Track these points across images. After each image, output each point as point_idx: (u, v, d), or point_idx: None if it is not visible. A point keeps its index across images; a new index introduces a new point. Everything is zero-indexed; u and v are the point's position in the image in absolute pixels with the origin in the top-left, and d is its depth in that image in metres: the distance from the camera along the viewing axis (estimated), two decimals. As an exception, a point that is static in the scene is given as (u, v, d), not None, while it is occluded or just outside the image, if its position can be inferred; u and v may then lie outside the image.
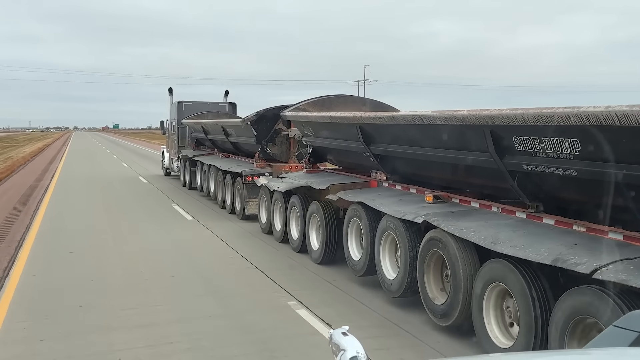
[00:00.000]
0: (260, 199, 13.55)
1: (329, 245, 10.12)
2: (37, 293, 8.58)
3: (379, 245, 8.21)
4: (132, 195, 20.60)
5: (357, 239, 9.18)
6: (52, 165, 35.12)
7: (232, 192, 16.04)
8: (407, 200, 8.25)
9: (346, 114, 9.36)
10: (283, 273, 9.66)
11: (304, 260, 10.62)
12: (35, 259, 10.74)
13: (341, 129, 9.89)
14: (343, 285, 8.96)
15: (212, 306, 7.96)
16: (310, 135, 11.60)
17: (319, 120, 10.47)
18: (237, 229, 13.96)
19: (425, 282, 7.13)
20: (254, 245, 12.06)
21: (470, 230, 6.39)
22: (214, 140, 20.43)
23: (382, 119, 8.08)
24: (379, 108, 11.89)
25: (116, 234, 13.17)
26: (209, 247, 11.92)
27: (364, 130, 9.12)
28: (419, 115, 7.18)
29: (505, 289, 5.87)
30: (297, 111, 11.96)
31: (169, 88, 26.40)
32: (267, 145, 15.40)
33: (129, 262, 10.47)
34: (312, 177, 11.39)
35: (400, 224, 7.66)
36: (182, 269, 9.97)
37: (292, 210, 11.57)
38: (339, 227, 10.12)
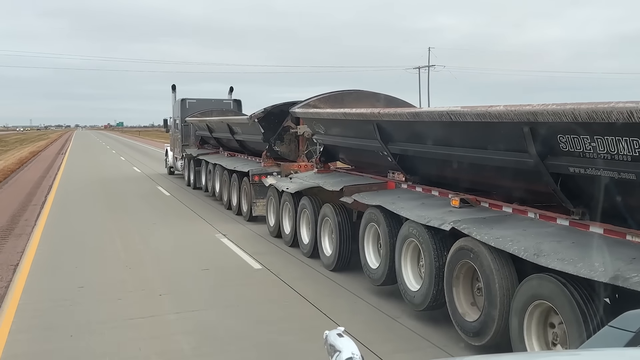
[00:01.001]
0: (268, 200, 12.89)
1: (343, 251, 9.46)
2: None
3: (399, 253, 7.54)
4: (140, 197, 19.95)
5: (374, 246, 8.51)
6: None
7: (238, 192, 15.38)
8: (430, 204, 7.57)
9: (362, 110, 8.69)
10: (295, 277, 9.00)
11: (316, 266, 9.96)
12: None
13: (356, 127, 9.22)
14: (363, 294, 8.29)
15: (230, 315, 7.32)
16: (322, 133, 10.93)
17: (331, 117, 9.80)
18: (244, 231, 13.30)
19: (453, 295, 6.46)
20: (263, 249, 11.40)
21: (507, 239, 5.72)
22: (219, 139, 19.79)
23: (404, 115, 7.41)
24: (393, 104, 11.23)
25: (140, 249, 12.53)
26: (217, 250, 11.27)
27: (382, 128, 8.45)
28: (446, 111, 6.50)
29: (550, 308, 5.20)
30: (308, 107, 11.29)
31: (172, 85, 25.82)
32: (275, 143, 14.75)
33: (140, 273, 9.83)
34: (323, 177, 10.73)
35: (425, 230, 6.98)
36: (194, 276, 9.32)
37: (303, 213, 10.91)
38: (353, 232, 9.46)
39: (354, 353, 1.96)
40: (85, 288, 8.65)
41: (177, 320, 7.29)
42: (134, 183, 23.85)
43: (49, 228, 13.58)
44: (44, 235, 12.65)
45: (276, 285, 8.90)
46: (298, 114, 11.36)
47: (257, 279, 9.32)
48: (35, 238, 12.32)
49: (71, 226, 14.03)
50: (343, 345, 2.01)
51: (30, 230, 13.30)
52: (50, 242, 12.08)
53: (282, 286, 8.79)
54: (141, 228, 13.74)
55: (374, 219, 8.28)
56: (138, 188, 22.06)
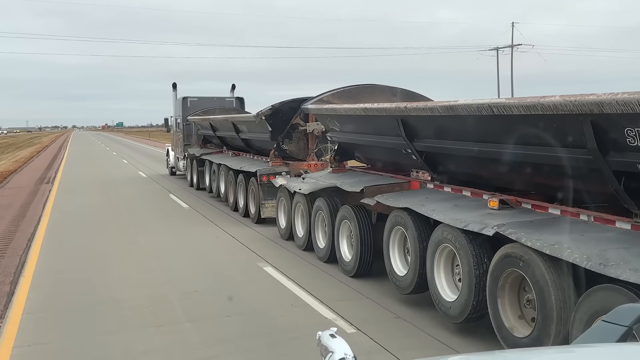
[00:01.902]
0: (279, 202, 12.25)
1: (364, 256, 8.82)
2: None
3: (432, 260, 6.90)
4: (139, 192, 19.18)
5: (400, 251, 7.88)
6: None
7: (245, 193, 14.74)
8: (464, 206, 6.94)
9: (386, 104, 8.05)
10: (314, 285, 8.36)
11: (335, 272, 9.32)
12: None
13: (377, 123, 8.59)
14: (389, 304, 7.65)
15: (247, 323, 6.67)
16: (337, 130, 10.29)
17: (349, 113, 9.16)
18: (253, 234, 12.66)
19: (498, 308, 5.83)
20: (274, 253, 10.76)
21: (563, 246, 5.09)
22: (222, 138, 19.15)
23: (435, 109, 6.77)
24: (411, 98, 10.58)
25: (140, 249, 11.85)
26: (227, 251, 10.63)
27: (408, 123, 7.81)
28: (488, 103, 5.86)
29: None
30: (321, 103, 10.65)
31: (173, 83, 25.17)
32: (283, 141, 14.11)
33: (151, 279, 9.17)
34: (339, 177, 10.09)
35: (462, 235, 6.35)
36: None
37: (318, 215, 10.27)
38: (375, 236, 8.84)
39: (347, 353, 1.95)
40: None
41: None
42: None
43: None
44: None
45: (292, 291, 8.28)
46: (311, 111, 10.71)
47: (270, 284, 8.69)
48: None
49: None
50: (336, 345, 1.99)
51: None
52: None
53: (300, 292, 8.16)
54: (153, 237, 13.09)
55: (401, 222, 7.64)
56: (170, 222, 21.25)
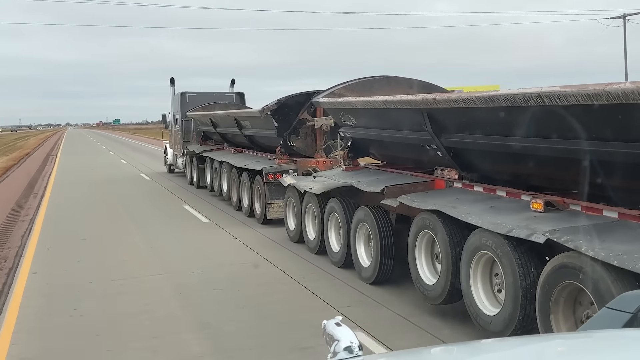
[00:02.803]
0: (287, 202, 11.56)
1: (385, 261, 8.14)
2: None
3: (467, 268, 6.22)
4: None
5: (428, 257, 7.20)
6: None
7: (249, 192, 14.04)
8: (502, 208, 6.26)
9: (411, 96, 7.35)
10: (330, 292, 7.69)
11: (351, 279, 8.64)
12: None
13: (399, 116, 7.90)
14: (415, 317, 6.97)
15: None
16: (351, 125, 9.59)
17: (367, 107, 8.47)
18: (259, 237, 11.95)
19: (552, 324, 5.15)
20: (283, 257, 10.07)
21: (633, 256, 4.42)
22: (224, 134, 18.44)
23: (472, 100, 6.07)
24: (428, 89, 9.91)
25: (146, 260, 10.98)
26: (232, 253, 9.94)
27: (435, 117, 7.13)
28: (538, 92, 5.16)
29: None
30: (333, 96, 9.96)
31: (170, 78, 24.42)
32: (289, 137, 13.41)
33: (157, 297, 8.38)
34: (355, 176, 9.41)
35: (505, 242, 5.67)
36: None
37: (331, 217, 9.58)
38: (395, 239, 8.17)
39: (352, 342, 1.95)
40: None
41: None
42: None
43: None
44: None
45: (311, 299, 7.60)
46: (322, 104, 10.01)
47: (286, 293, 8.00)
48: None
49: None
50: (341, 334, 1.98)
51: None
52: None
53: (316, 301, 7.47)
54: (151, 236, 12.35)
55: (429, 226, 6.96)
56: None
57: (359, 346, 1.94)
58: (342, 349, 1.94)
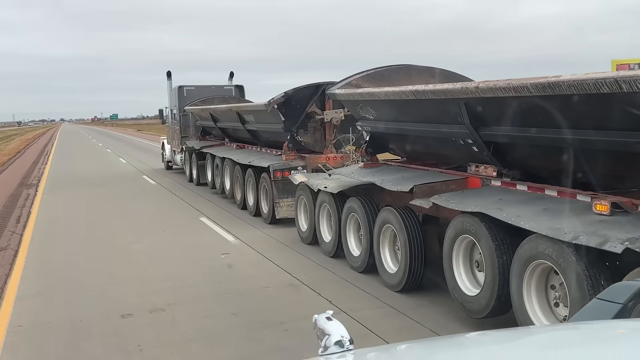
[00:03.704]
0: (298, 201, 10.79)
1: (414, 268, 7.40)
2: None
3: (519, 280, 5.47)
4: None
5: (467, 265, 6.46)
6: None
7: (255, 190, 13.26)
8: (558, 210, 5.51)
9: (447, 85, 6.58)
10: (353, 303, 6.94)
11: (375, 286, 7.89)
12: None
13: (430, 108, 7.13)
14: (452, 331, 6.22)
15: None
16: (370, 118, 8.82)
17: (391, 98, 7.69)
18: (266, 238, 11.17)
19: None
20: (296, 262, 9.31)
21: None
22: (224, 129, 17.64)
23: (525, 88, 5.30)
24: (451, 79, 9.13)
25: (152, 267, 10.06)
26: (246, 267, 9.17)
27: (474, 108, 6.36)
28: (614, 77, 4.40)
29: None
30: (350, 87, 9.18)
31: (167, 72, 23.59)
32: (297, 132, 12.62)
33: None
34: (376, 173, 8.64)
35: (569, 250, 4.93)
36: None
37: (350, 218, 8.83)
38: (426, 243, 7.43)
39: (343, 336, 1.94)
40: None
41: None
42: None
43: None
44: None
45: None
46: (338, 96, 9.22)
47: (304, 302, 7.24)
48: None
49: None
50: (332, 328, 1.98)
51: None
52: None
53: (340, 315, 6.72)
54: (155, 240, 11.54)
55: (469, 230, 6.21)
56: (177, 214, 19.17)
57: (350, 340, 1.94)
58: (333, 343, 1.93)
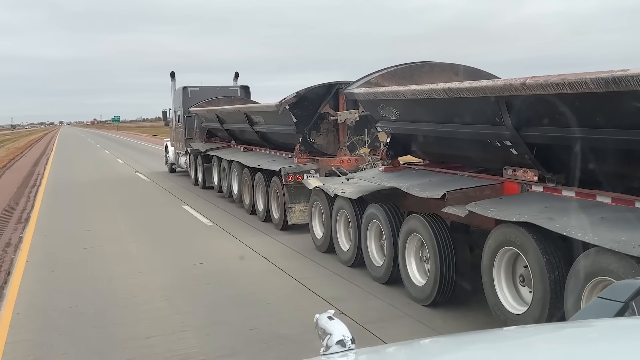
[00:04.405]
0: (313, 207, 10.22)
1: (445, 280, 6.82)
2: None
3: (577, 298, 4.88)
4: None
5: (509, 280, 5.88)
6: None
7: (265, 195, 12.69)
8: (617, 220, 4.93)
9: (486, 82, 5.99)
10: (376, 316, 6.35)
11: (399, 299, 7.32)
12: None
13: (464, 107, 6.54)
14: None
15: None
16: (393, 118, 8.24)
17: (419, 96, 7.10)
18: (278, 245, 10.58)
19: None
20: (313, 272, 8.74)
21: None
22: (231, 131, 17.06)
23: (581, 84, 4.71)
24: (476, 76, 8.55)
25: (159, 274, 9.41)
26: (254, 271, 8.58)
27: (516, 107, 5.78)
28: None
29: None
30: (369, 86, 8.61)
31: (171, 72, 23.04)
32: (310, 134, 12.05)
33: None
34: (399, 177, 8.07)
35: (638, 267, 4.34)
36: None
37: (371, 226, 8.25)
38: (457, 254, 6.85)
39: (345, 335, 1.93)
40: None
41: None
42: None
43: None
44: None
45: (352, 327, 6.26)
46: (357, 96, 8.64)
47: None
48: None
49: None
50: (334, 328, 1.96)
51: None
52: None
53: (362, 332, 6.13)
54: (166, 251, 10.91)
55: (514, 242, 5.62)
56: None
57: (352, 339, 1.92)
58: (334, 342, 1.92)
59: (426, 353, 1.89)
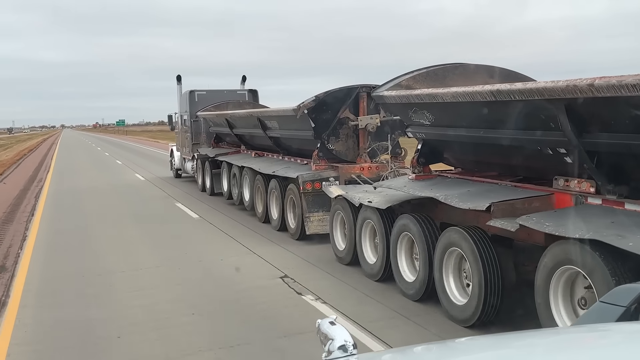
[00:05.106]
0: (334, 216, 9.67)
1: (489, 300, 6.26)
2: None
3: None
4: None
5: (567, 303, 5.33)
6: None
7: (280, 203, 12.14)
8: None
9: (544, 83, 5.42)
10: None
11: (434, 318, 6.76)
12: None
13: (513, 110, 6.00)
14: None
15: None
16: (427, 123, 7.70)
17: (460, 99, 6.54)
18: (294, 259, 9.99)
19: None
20: (336, 289, 8.18)
21: None
22: (241, 135, 16.53)
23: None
24: (511, 78, 8.05)
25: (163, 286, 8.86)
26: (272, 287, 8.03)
27: (579, 111, 5.24)
28: None
29: None
30: (400, 89, 8.07)
31: (177, 76, 22.58)
32: (328, 140, 11.51)
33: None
34: (433, 186, 7.52)
35: None
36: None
37: (402, 238, 7.71)
38: (503, 271, 6.30)
39: (347, 340, 1.93)
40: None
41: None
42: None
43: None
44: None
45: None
46: (388, 99, 8.08)
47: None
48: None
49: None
50: (336, 333, 1.96)
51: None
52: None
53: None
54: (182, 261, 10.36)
55: (574, 260, 5.07)
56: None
57: (354, 345, 1.91)
58: (336, 347, 1.91)
59: (432, 358, 1.87)
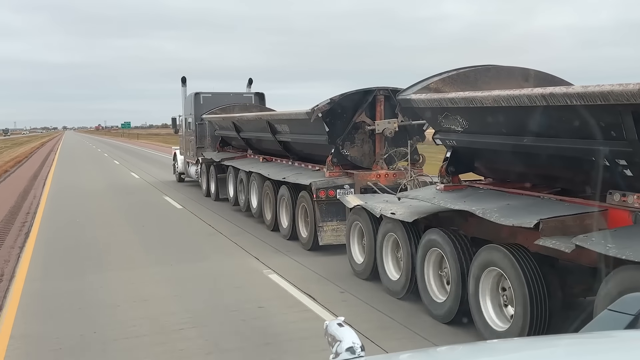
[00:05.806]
0: (352, 227, 9.02)
1: (535, 325, 5.62)
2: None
3: None
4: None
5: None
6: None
7: (291, 211, 11.50)
8: None
9: (607, 87, 4.76)
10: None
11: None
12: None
13: (565, 117, 5.36)
14: None
15: None
16: (459, 129, 7.06)
17: (503, 104, 5.90)
18: (307, 272, 9.31)
19: None
20: (357, 311, 7.54)
21: None
22: (248, 139, 15.90)
23: None
24: (547, 82, 7.43)
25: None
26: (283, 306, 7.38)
27: (649, 118, 4.62)
28: None
29: None
30: (428, 92, 7.44)
31: (182, 77, 21.97)
32: (343, 145, 10.88)
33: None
34: (466, 198, 6.86)
35: None
36: None
37: (430, 254, 7.06)
38: (550, 297, 5.66)
39: (355, 342, 1.92)
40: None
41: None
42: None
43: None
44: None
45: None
46: (416, 102, 7.43)
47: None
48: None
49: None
50: (344, 334, 1.95)
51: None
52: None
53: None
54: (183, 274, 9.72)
55: (646, 288, 4.43)
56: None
57: (362, 347, 1.90)
58: (344, 349, 1.90)
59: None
